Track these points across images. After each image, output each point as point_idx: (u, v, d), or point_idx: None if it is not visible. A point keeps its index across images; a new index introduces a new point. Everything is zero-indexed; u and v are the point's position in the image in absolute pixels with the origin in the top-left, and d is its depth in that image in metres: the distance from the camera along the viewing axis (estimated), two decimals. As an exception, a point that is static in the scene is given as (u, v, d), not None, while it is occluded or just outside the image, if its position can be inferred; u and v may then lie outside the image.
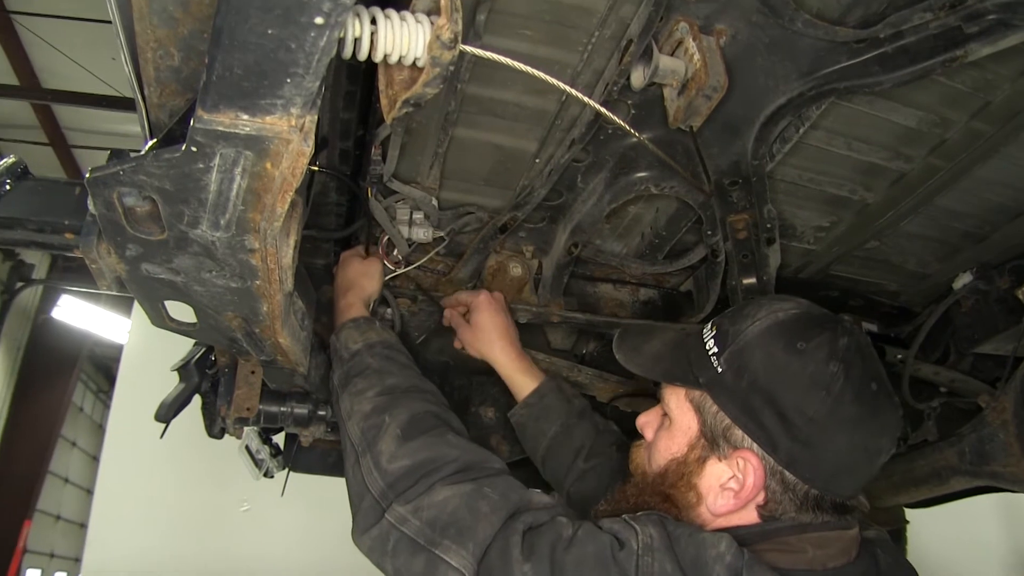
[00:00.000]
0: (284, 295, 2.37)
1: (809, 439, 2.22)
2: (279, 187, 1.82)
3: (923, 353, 4.01)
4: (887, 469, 3.98)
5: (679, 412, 2.48)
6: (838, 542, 2.31)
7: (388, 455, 2.58)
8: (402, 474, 2.50)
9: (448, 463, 2.52)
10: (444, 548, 2.24)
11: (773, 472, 2.27)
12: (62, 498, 24.54)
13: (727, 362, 2.35)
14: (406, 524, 2.36)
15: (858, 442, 2.27)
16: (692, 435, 2.43)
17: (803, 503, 2.28)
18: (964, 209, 3.49)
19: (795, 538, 2.27)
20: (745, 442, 2.30)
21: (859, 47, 2.63)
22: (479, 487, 2.41)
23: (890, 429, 2.34)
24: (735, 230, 3.29)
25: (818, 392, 2.22)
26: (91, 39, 11.80)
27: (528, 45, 2.59)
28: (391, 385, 2.90)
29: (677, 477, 2.43)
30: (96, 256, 2.18)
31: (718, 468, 2.35)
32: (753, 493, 2.29)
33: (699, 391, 2.42)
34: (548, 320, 3.80)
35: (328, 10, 1.42)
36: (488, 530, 2.25)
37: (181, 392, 3.43)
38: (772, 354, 2.30)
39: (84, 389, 24.96)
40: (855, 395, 2.24)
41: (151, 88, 1.94)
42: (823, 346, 2.27)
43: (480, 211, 3.44)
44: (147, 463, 9.57)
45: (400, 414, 2.73)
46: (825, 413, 2.21)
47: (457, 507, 2.33)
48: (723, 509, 2.34)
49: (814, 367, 2.25)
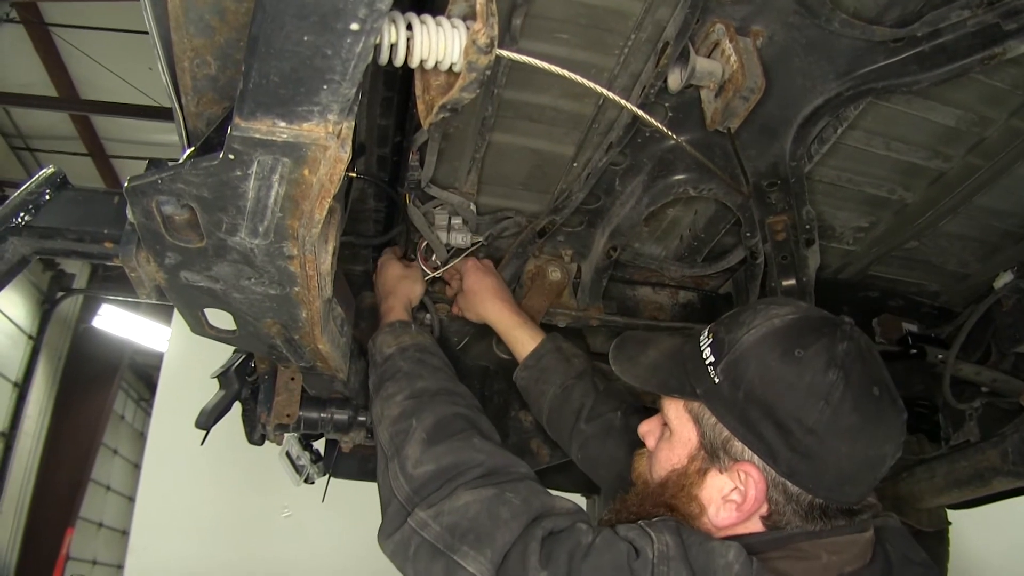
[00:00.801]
0: (323, 301, 2.37)
1: (809, 450, 2.17)
2: (317, 194, 1.82)
3: (964, 353, 3.98)
4: (929, 470, 3.97)
5: (678, 423, 2.44)
6: (853, 547, 2.27)
7: (413, 460, 2.58)
8: (427, 479, 2.50)
9: (473, 467, 2.52)
10: (462, 554, 2.23)
11: (775, 484, 2.23)
12: (104, 506, 24.66)
13: (723, 372, 2.30)
14: (427, 529, 2.35)
15: (860, 450, 2.21)
16: (692, 447, 2.39)
17: (808, 513, 2.24)
18: (1004, 208, 3.47)
19: (808, 544, 2.23)
20: (745, 454, 2.25)
21: (896, 46, 2.62)
22: (501, 492, 2.40)
23: (893, 436, 2.27)
24: (774, 232, 3.28)
25: (816, 402, 2.16)
26: (128, 50, 11.84)
27: (564, 49, 2.59)
28: (420, 388, 2.90)
29: (678, 488, 2.39)
30: (135, 265, 2.19)
31: (719, 480, 2.31)
32: (756, 506, 2.25)
33: (697, 402, 2.37)
34: (588, 324, 3.80)
35: (364, 16, 1.42)
36: (508, 536, 2.23)
37: (221, 399, 3.44)
38: (768, 364, 2.25)
39: (125, 397, 25.07)
40: (855, 403, 2.18)
41: (188, 97, 1.94)
42: (821, 353, 2.21)
43: (518, 216, 3.45)
44: (188, 470, 9.60)
45: (427, 418, 2.73)
46: (825, 423, 2.16)
47: (478, 512, 2.32)
48: (726, 522, 2.30)
49: (811, 376, 2.19)
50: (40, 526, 18.02)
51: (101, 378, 19.67)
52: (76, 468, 19.20)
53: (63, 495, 18.78)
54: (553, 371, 3.47)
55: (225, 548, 9.77)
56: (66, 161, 15.05)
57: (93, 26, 11.83)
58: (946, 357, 3.91)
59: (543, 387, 3.47)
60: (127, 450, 25.67)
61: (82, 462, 19.37)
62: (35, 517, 17.92)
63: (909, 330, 4.15)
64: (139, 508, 10.65)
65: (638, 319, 3.89)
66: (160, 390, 11.62)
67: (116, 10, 11.29)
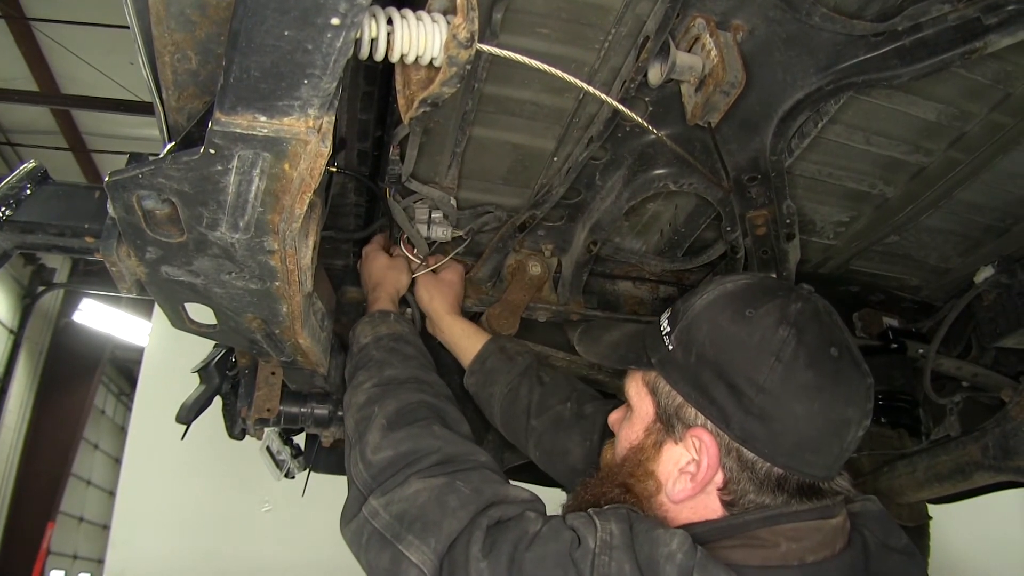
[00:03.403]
0: (304, 296, 2.37)
1: (763, 411, 2.11)
2: (298, 188, 1.82)
3: (945, 347, 4.00)
4: (910, 464, 3.98)
5: (637, 399, 2.41)
6: (816, 533, 2.15)
7: (373, 446, 2.57)
8: (384, 465, 2.49)
9: (429, 455, 2.49)
10: (407, 543, 2.21)
11: (728, 450, 2.16)
12: (85, 500, 24.67)
13: (676, 339, 2.29)
14: (377, 518, 2.34)
15: (818, 411, 2.12)
16: (649, 420, 2.35)
17: (764, 483, 2.15)
18: (985, 202, 3.47)
19: (767, 531, 2.13)
20: (698, 420, 2.20)
21: (877, 40, 2.63)
22: (452, 481, 2.37)
23: (857, 398, 2.18)
24: (754, 226, 3.29)
25: (767, 359, 2.12)
26: (109, 44, 11.84)
27: (545, 43, 2.59)
28: (388, 376, 2.89)
29: (635, 465, 2.35)
30: (116, 259, 2.18)
31: (675, 452, 2.26)
32: (710, 475, 2.17)
33: (653, 372, 2.36)
34: (568, 318, 3.80)
35: (344, 11, 1.42)
36: (455, 525, 2.20)
37: (202, 394, 3.44)
38: (719, 324, 2.22)
39: (106, 392, 25.07)
40: (810, 360, 2.13)
41: (169, 91, 1.94)
42: (772, 312, 2.18)
43: (499, 210, 3.45)
44: (169, 465, 9.59)
45: (389, 404, 2.72)
46: (777, 381, 2.11)
47: (426, 501, 2.30)
48: (681, 495, 2.23)
49: (761, 333, 2.15)
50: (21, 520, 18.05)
51: (82, 373, 19.69)
52: (57, 462, 19.23)
53: (44, 489, 18.81)
54: (498, 371, 3.45)
55: (205, 542, 9.76)
56: (47, 156, 15.06)
57: (74, 21, 11.82)
58: (927, 352, 3.92)
59: (491, 390, 3.45)
60: (108, 445, 25.70)
61: (63, 457, 19.41)
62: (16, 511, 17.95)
63: (890, 325, 4.17)
64: (120, 503, 10.64)
65: (618, 313, 3.89)
66: (141, 385, 11.61)
67: (97, 5, 11.30)
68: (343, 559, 2.52)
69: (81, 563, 24.66)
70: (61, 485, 19.59)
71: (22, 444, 18.24)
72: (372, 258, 3.52)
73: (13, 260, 2.73)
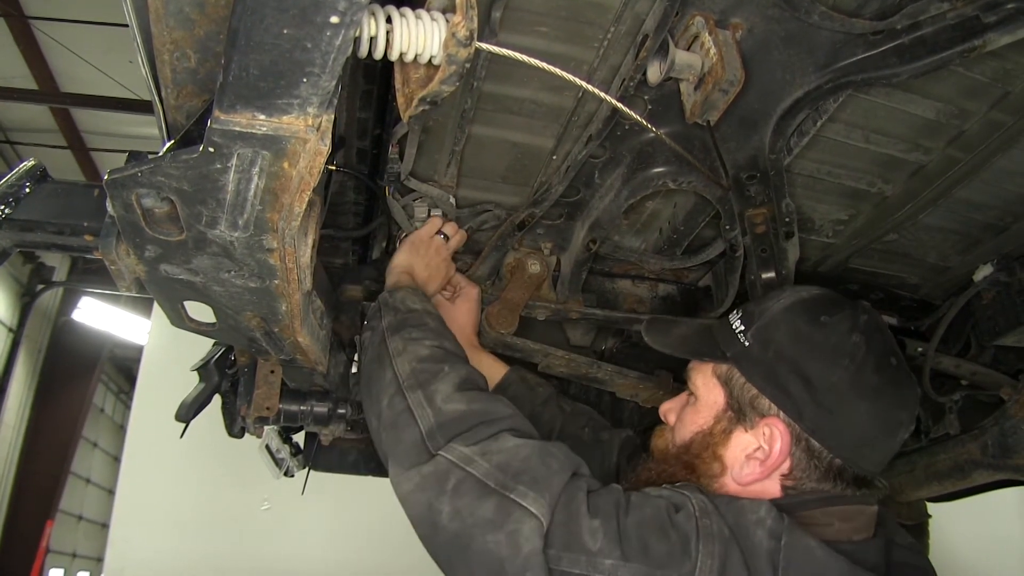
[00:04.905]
0: (303, 294, 2.37)
1: (833, 405, 2.32)
2: (297, 187, 1.83)
3: (944, 346, 3.99)
4: (909, 463, 3.99)
5: (705, 389, 2.58)
6: (860, 516, 2.37)
7: (444, 395, 2.52)
8: (457, 416, 2.45)
9: (504, 419, 2.48)
10: (520, 493, 2.18)
11: (799, 439, 2.36)
12: (84, 498, 24.68)
13: (753, 336, 2.48)
14: (472, 464, 2.29)
15: (879, 412, 2.38)
16: (719, 408, 2.53)
17: (826, 472, 2.37)
18: (984, 200, 3.47)
19: (820, 512, 2.33)
20: (772, 410, 2.40)
21: (876, 39, 2.63)
22: (544, 444, 2.39)
23: (909, 403, 2.46)
24: (753, 224, 3.28)
25: (841, 360, 2.34)
26: (108, 43, 11.84)
27: (544, 42, 2.59)
28: (449, 349, 2.82)
29: (702, 448, 2.51)
30: (115, 258, 2.19)
31: (744, 439, 2.45)
32: (779, 460, 2.37)
33: (726, 365, 2.53)
34: (567, 317, 3.79)
35: (343, 9, 1.42)
36: (559, 484, 2.22)
37: (201, 392, 3.44)
38: (797, 326, 2.44)
39: (105, 390, 25.07)
40: (876, 365, 2.36)
41: (168, 90, 1.94)
42: (845, 320, 2.41)
43: (498, 208, 3.45)
44: (168, 463, 9.58)
45: (460, 370, 2.68)
46: (848, 381, 2.33)
47: (529, 456, 2.31)
48: (749, 478, 2.41)
49: (837, 338, 2.38)
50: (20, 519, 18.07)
51: (81, 371, 19.72)
52: (56, 461, 19.25)
53: (43, 488, 18.82)
54: (520, 400, 3.45)
55: (205, 541, 9.76)
56: (46, 154, 15.05)
57: (74, 19, 11.81)
58: (926, 350, 3.91)
59: None
60: (107, 443, 25.72)
61: (62, 455, 19.42)
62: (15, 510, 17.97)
63: (889, 323, 4.16)
64: (119, 501, 10.63)
65: (618, 312, 3.89)
66: (140, 383, 11.60)
67: (96, 3, 11.29)
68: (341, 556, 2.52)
69: (80, 561, 24.68)
70: (60, 483, 19.60)
71: (21, 442, 18.26)
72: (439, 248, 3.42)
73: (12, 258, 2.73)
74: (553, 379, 4.06)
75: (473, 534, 2.18)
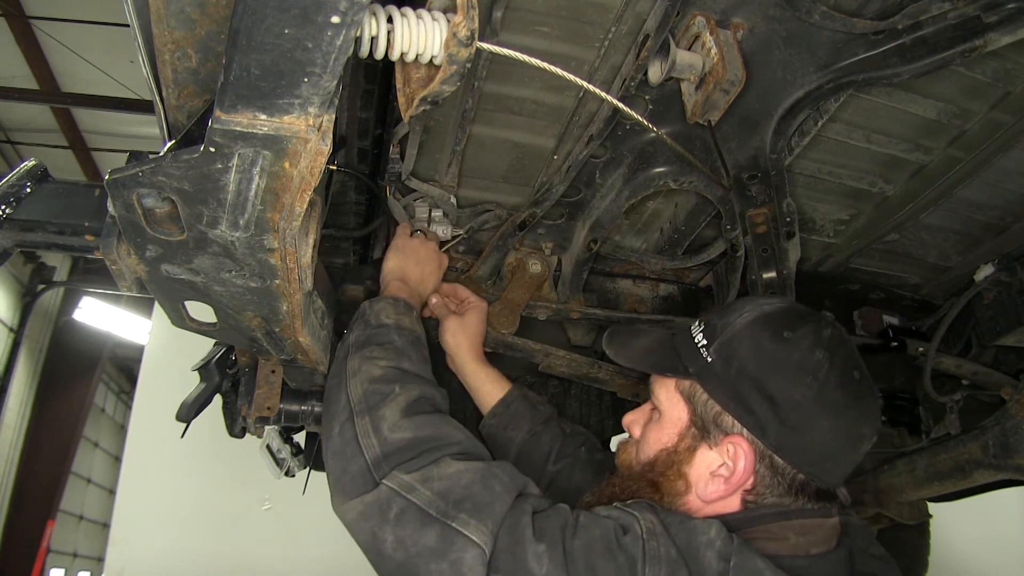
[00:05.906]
0: (304, 294, 2.37)
1: (797, 423, 2.31)
2: (298, 186, 1.82)
3: (945, 346, 4.00)
4: (910, 463, 3.99)
5: (669, 404, 2.56)
6: (819, 530, 2.38)
7: (391, 423, 2.51)
8: (403, 445, 2.44)
9: (452, 443, 2.48)
10: (462, 522, 2.18)
11: (762, 456, 2.36)
12: (85, 498, 24.68)
13: (716, 352, 2.44)
14: (414, 493, 2.29)
15: (843, 427, 2.37)
16: (682, 425, 2.51)
17: (788, 488, 2.37)
18: (985, 200, 3.48)
19: (776, 526, 2.34)
20: (735, 428, 2.38)
21: (877, 39, 2.63)
22: (488, 466, 2.39)
23: (872, 417, 2.44)
24: (754, 224, 3.28)
25: (804, 377, 2.31)
26: (109, 43, 11.84)
27: (545, 42, 2.59)
28: (407, 368, 2.81)
29: (667, 466, 2.50)
30: (116, 257, 2.18)
31: (709, 456, 2.43)
32: (744, 478, 2.36)
33: (689, 381, 2.50)
34: (568, 317, 3.80)
35: (344, 9, 1.42)
36: (502, 508, 2.23)
37: (202, 392, 3.44)
38: (760, 342, 2.40)
39: (106, 390, 25.07)
40: (839, 382, 2.34)
41: (169, 90, 1.94)
42: (808, 335, 2.38)
43: (499, 208, 3.45)
44: (169, 463, 9.57)
45: (411, 391, 2.66)
46: (811, 398, 2.30)
47: (471, 481, 2.30)
48: (714, 495, 2.40)
49: (800, 354, 2.35)
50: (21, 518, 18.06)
51: (82, 371, 19.70)
52: (57, 461, 19.23)
53: (44, 488, 18.81)
54: (522, 417, 3.49)
55: (205, 541, 9.75)
56: (47, 154, 15.05)
57: (74, 19, 11.81)
58: (927, 350, 3.92)
59: (511, 433, 3.49)
60: (108, 443, 25.71)
61: (63, 455, 19.40)
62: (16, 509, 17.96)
63: (890, 323, 4.17)
64: (120, 501, 10.62)
65: (619, 312, 3.89)
66: (141, 383, 11.58)
67: (97, 3, 11.29)
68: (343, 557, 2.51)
69: (81, 561, 24.68)
70: (61, 483, 19.59)
71: (22, 442, 18.25)
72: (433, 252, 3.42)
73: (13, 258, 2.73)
74: (554, 379, 4.06)
75: (417, 564, 2.19)
